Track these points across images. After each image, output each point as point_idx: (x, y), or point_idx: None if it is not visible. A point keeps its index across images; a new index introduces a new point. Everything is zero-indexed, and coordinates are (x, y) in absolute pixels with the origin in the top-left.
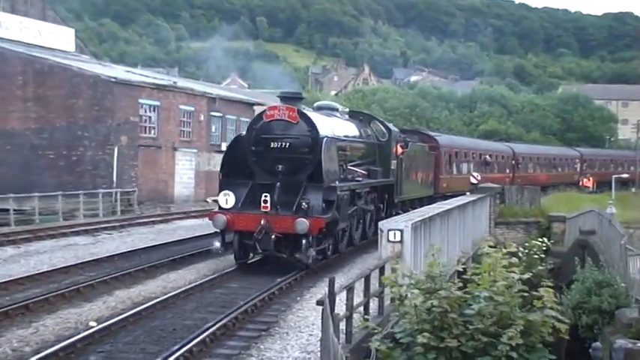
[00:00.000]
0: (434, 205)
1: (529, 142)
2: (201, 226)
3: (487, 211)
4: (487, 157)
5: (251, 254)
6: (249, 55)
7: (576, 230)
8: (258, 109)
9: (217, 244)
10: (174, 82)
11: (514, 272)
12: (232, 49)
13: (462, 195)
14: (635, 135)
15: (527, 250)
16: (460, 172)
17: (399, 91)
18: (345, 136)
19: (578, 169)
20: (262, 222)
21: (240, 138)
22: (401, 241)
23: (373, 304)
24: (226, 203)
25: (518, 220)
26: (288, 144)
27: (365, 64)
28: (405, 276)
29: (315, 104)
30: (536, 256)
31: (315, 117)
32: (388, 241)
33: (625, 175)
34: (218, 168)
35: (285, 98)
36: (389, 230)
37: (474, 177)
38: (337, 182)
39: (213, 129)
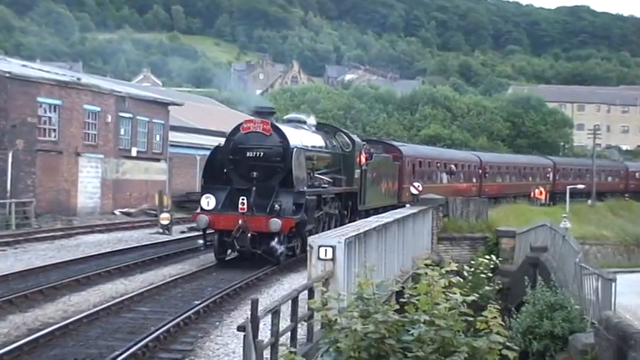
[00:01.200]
0: (370, 219)
1: (495, 150)
2: (109, 241)
3: (429, 225)
4: (452, 166)
5: (229, 251)
6: (164, 49)
7: (527, 247)
8: (174, 111)
9: (200, 241)
10: (78, 79)
11: (456, 293)
12: (144, 41)
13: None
14: (591, 141)
15: (472, 269)
16: (424, 181)
17: (331, 90)
18: (313, 147)
19: (551, 179)
20: (240, 222)
21: (219, 148)
22: (333, 259)
23: (302, 330)
24: (208, 205)
25: (463, 236)
26: (262, 153)
27: (294, 61)
28: (336, 299)
29: (285, 117)
30: (482, 276)
31: (286, 129)
32: (319, 258)
33: (581, 186)
34: (128, 176)
35: (260, 113)
36: (319, 246)
37: (414, 187)
38: (305, 188)
39: (122, 132)
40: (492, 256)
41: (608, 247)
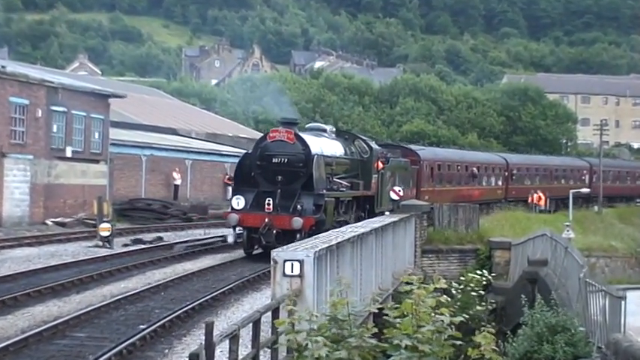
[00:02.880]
0: (344, 228)
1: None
2: (40, 256)
3: (412, 235)
4: (474, 169)
5: (256, 246)
6: (104, 32)
7: (524, 260)
8: (115, 104)
9: (230, 237)
10: (3, 67)
11: (444, 314)
12: (81, 23)
13: None
14: (597, 138)
15: (462, 286)
16: (443, 184)
17: (299, 80)
18: (332, 153)
19: (587, 181)
20: (266, 220)
21: (248, 154)
22: (300, 275)
23: (264, 357)
24: (238, 205)
25: (451, 248)
26: (286, 159)
27: (255, 46)
28: (305, 320)
29: (307, 125)
30: (473, 294)
31: (308, 138)
32: (284, 275)
33: (585, 190)
34: (62, 180)
35: (285, 123)
36: (285, 261)
37: (394, 192)
38: (324, 190)
39: (54, 129)
40: (484, 271)
41: (617, 260)
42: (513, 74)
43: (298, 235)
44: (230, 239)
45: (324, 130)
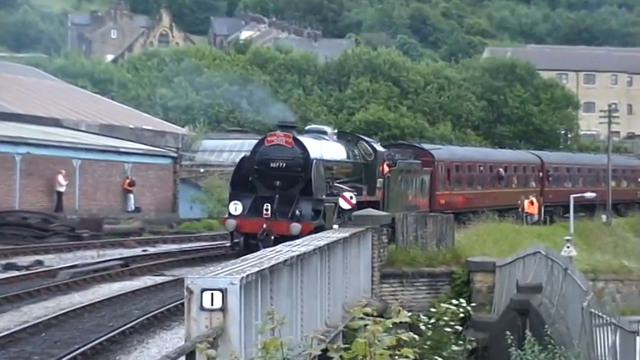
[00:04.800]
0: (280, 247)
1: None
2: None
3: (369, 256)
4: (500, 169)
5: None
6: None
7: (512, 285)
8: None
9: (228, 244)
10: None
11: (407, 357)
12: None
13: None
14: (604, 127)
15: (433, 320)
16: (463, 187)
17: (220, 55)
18: (332, 157)
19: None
20: (264, 226)
21: (246, 158)
22: (223, 309)
23: None
24: (235, 210)
25: (418, 271)
26: (284, 164)
27: (163, 10)
28: None
29: (306, 128)
30: (448, 330)
31: (307, 141)
32: (202, 308)
33: (590, 195)
34: None
35: (283, 127)
36: (203, 290)
37: (344, 199)
38: (324, 196)
39: None
40: (461, 300)
41: (632, 284)
42: (497, 46)
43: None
44: (228, 244)
45: (325, 133)
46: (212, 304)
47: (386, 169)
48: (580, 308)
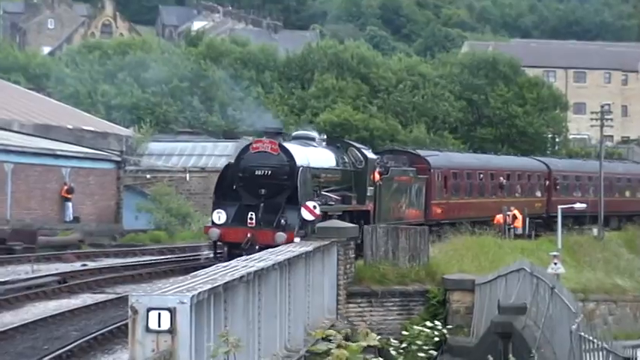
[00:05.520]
0: (235, 262)
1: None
2: None
3: (334, 272)
4: (501, 177)
5: None
6: None
7: (493, 306)
8: None
9: (211, 254)
10: None
11: None
12: None
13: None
14: (596, 131)
15: (405, 344)
16: (460, 196)
17: (170, 48)
18: (320, 165)
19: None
20: (248, 235)
21: (230, 165)
22: (171, 330)
23: None
24: (219, 220)
25: (389, 290)
26: (270, 172)
27: None
28: None
29: (293, 134)
30: (421, 355)
31: (293, 148)
32: (148, 330)
33: (581, 206)
34: None
35: (269, 133)
36: (149, 310)
37: (307, 209)
38: None
39: None
40: (437, 322)
41: (625, 305)
42: (478, 40)
43: None
44: (210, 253)
45: (313, 139)
46: (159, 325)
47: (377, 176)
48: (568, 331)
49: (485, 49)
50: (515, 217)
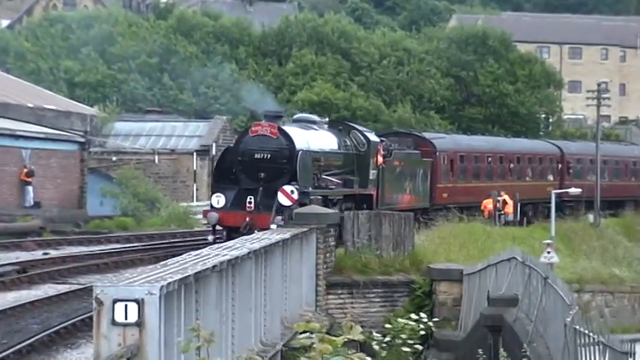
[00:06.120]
0: (207, 250)
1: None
2: None
3: (313, 262)
4: (510, 161)
5: None
6: None
7: (482, 297)
8: None
9: (210, 237)
10: None
11: None
12: None
13: None
14: (592, 110)
15: (388, 338)
16: (468, 180)
17: (138, 21)
18: (320, 148)
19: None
20: (247, 219)
21: (229, 149)
22: (139, 323)
23: None
24: (218, 203)
25: (371, 280)
26: (269, 155)
27: None
28: None
29: (294, 117)
30: (406, 350)
31: (293, 131)
32: (114, 322)
33: (576, 191)
34: None
35: (268, 116)
36: (115, 301)
37: (285, 194)
38: (311, 188)
39: None
40: (422, 314)
41: (623, 296)
42: (466, 13)
43: None
44: (210, 237)
45: (314, 122)
46: (126, 318)
47: (380, 160)
48: (563, 325)
49: (475, 22)
50: (505, 203)
